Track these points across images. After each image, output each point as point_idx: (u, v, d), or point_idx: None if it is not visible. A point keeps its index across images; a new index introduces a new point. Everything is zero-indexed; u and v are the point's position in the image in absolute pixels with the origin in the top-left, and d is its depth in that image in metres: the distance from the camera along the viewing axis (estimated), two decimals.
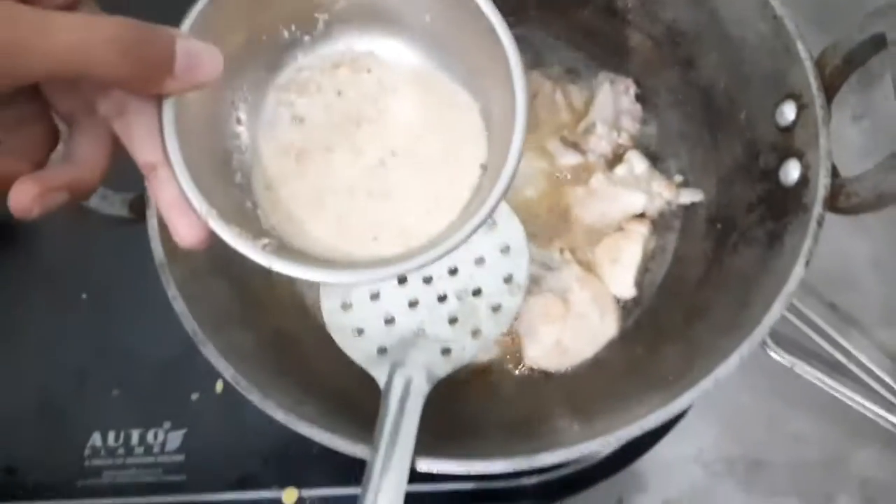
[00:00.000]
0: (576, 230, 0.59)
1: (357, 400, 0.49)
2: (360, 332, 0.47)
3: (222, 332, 0.47)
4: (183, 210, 0.32)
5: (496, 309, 0.47)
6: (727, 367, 0.42)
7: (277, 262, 0.33)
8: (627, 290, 0.57)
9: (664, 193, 0.57)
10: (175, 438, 0.62)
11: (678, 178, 0.60)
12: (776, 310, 0.43)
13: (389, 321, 0.47)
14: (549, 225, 0.59)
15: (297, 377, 0.49)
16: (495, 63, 0.36)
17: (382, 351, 0.46)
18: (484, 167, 0.38)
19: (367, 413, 0.47)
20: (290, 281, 0.59)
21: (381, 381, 0.44)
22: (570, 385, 0.52)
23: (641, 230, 0.57)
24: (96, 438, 0.63)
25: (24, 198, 0.29)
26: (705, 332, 0.49)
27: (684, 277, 0.55)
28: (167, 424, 0.63)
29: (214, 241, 0.32)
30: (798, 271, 0.44)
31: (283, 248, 0.35)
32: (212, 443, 0.62)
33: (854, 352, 0.63)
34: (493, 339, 0.47)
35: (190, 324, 0.45)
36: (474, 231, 0.34)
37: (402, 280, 0.48)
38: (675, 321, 0.52)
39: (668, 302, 0.55)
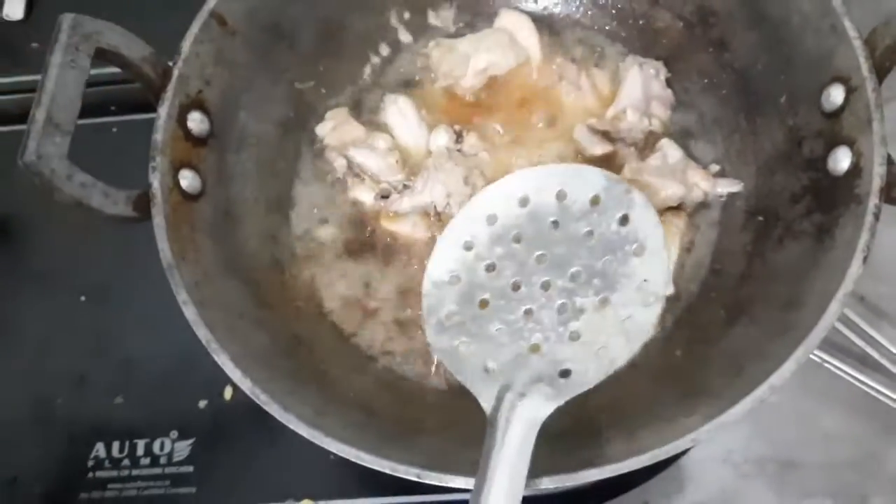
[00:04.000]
0: None
1: (378, 411, 0.46)
2: (466, 344, 0.40)
3: (236, 337, 0.44)
4: None
5: (626, 322, 0.40)
6: (782, 374, 0.39)
7: None
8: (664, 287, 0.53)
9: (701, 184, 0.54)
10: (183, 448, 0.59)
11: (714, 168, 0.56)
12: (833, 310, 0.41)
13: (499, 333, 0.41)
14: None
15: (315, 387, 0.46)
16: None
17: (490, 369, 0.40)
18: None
19: (389, 423, 0.45)
20: (305, 280, 0.56)
21: (488, 405, 0.37)
22: (606, 391, 0.49)
23: (678, 223, 0.54)
24: (100, 449, 0.60)
25: None
26: (751, 332, 0.46)
27: (725, 273, 0.53)
28: (174, 434, 0.60)
29: None
30: (855, 268, 0.42)
31: None
32: (222, 453, 0.59)
33: (886, 345, 0.60)
34: (622, 361, 0.39)
35: (203, 332, 0.42)
36: None
37: (517, 286, 0.42)
38: (717, 320, 0.49)
39: (709, 299, 0.52)
